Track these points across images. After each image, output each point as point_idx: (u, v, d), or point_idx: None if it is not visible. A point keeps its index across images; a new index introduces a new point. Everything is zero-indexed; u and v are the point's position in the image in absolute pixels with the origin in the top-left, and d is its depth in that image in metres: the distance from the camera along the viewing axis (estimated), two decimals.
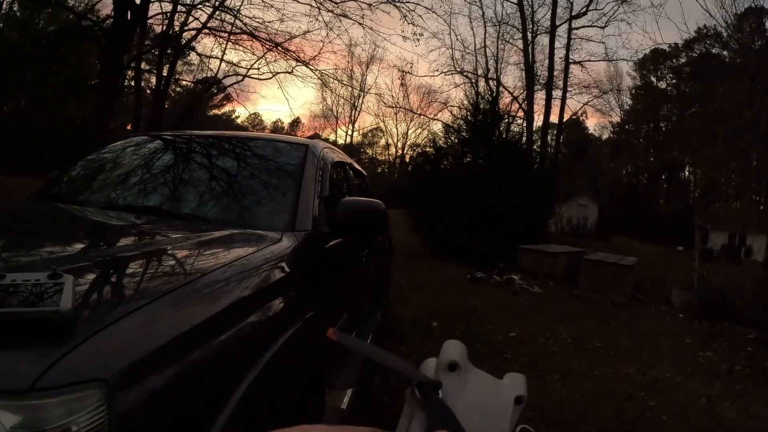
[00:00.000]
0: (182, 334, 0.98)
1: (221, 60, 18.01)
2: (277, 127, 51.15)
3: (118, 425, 0.75)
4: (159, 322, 0.97)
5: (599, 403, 3.89)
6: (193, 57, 21.58)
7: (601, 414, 3.67)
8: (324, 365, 1.86)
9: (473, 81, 27.80)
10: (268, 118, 52.40)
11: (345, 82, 25.93)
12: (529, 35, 25.93)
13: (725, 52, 23.26)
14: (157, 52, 18.62)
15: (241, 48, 15.67)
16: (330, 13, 14.67)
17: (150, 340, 0.90)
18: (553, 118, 28.07)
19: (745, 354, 5.90)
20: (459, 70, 28.19)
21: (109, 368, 0.77)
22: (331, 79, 17.05)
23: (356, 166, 4.20)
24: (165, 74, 19.45)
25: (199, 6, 14.26)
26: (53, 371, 0.71)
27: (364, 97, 44.00)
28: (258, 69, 16.17)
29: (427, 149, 15.13)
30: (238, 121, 42.19)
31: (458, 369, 0.39)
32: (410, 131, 47.77)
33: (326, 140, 6.19)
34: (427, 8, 16.74)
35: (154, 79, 21.37)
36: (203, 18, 15.13)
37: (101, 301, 0.98)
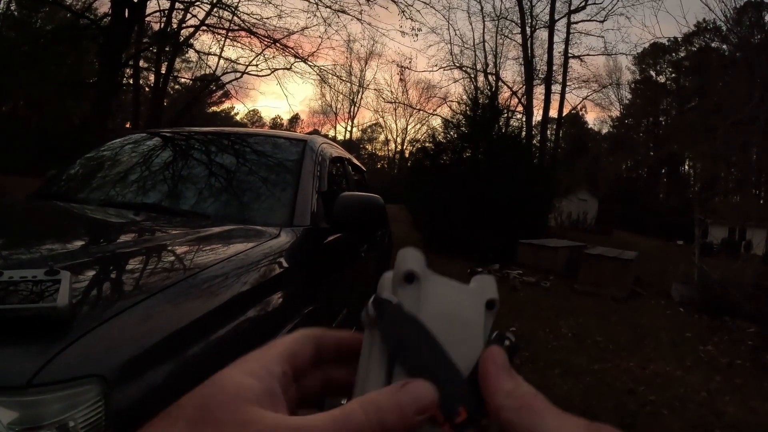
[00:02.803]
0: (181, 329, 0.98)
1: (219, 57, 18.04)
2: (276, 124, 51.14)
3: (116, 421, 0.75)
4: (157, 318, 0.97)
5: (600, 398, 3.89)
6: (191, 54, 21.61)
7: (602, 408, 3.68)
8: None
9: (472, 76, 27.77)
10: (267, 115, 52.45)
11: (344, 78, 25.98)
12: (528, 30, 25.90)
13: (725, 46, 23.26)
14: (155, 50, 18.59)
15: (239, 45, 15.71)
16: (328, 9, 14.71)
17: (148, 336, 0.90)
18: (553, 113, 28.07)
19: (745, 348, 5.91)
20: (458, 65, 28.17)
21: (107, 364, 0.77)
22: (330, 75, 17.06)
23: (355, 161, 4.19)
24: (163, 72, 19.44)
25: (197, 3, 14.25)
26: (50, 367, 0.71)
27: (363, 92, 43.98)
28: (256, 65, 16.21)
29: (427, 144, 15.13)
30: (238, 118, 42.16)
31: (416, 279, 0.33)
32: (409, 127, 47.72)
33: (325, 136, 6.19)
34: (425, 3, 16.74)
35: (152, 77, 21.37)
36: (201, 15, 15.14)
37: (99, 297, 0.98)
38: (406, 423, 0.27)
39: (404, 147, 46.79)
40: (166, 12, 15.69)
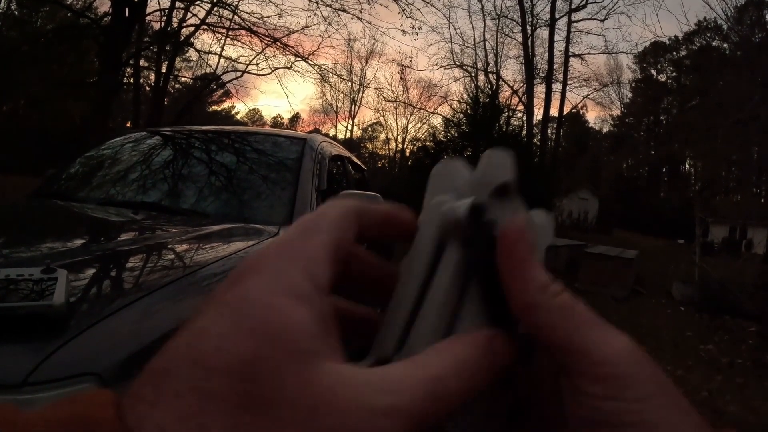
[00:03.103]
0: (179, 326, 0.97)
1: (220, 56, 18.01)
2: (277, 123, 51.12)
3: None
4: (156, 315, 0.96)
5: None
6: (191, 53, 21.63)
7: None
8: None
9: (473, 75, 27.75)
10: (267, 114, 52.45)
11: (344, 77, 25.94)
12: (529, 28, 25.87)
13: (725, 45, 23.23)
14: (155, 49, 18.59)
15: (239, 44, 15.68)
16: (328, 8, 14.65)
17: (146, 334, 0.89)
18: (553, 112, 28.02)
19: (746, 347, 5.90)
20: (458, 63, 28.14)
21: (103, 362, 0.77)
22: (330, 74, 17.04)
23: (355, 160, 4.19)
24: (164, 71, 19.44)
25: (198, 2, 14.24)
26: (46, 365, 0.71)
27: (363, 91, 43.89)
28: (257, 64, 16.18)
29: (427, 143, 15.16)
30: (238, 117, 42.16)
31: (509, 197, 0.26)
32: (410, 125, 47.66)
33: (326, 135, 6.19)
34: (425, 1, 16.75)
35: (153, 76, 21.37)
36: (201, 14, 15.12)
37: (97, 295, 0.98)
38: (483, 385, 0.22)
39: (405, 146, 46.76)
40: (166, 11, 15.67)
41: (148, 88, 22.36)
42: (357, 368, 0.19)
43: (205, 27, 15.24)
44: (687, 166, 43.29)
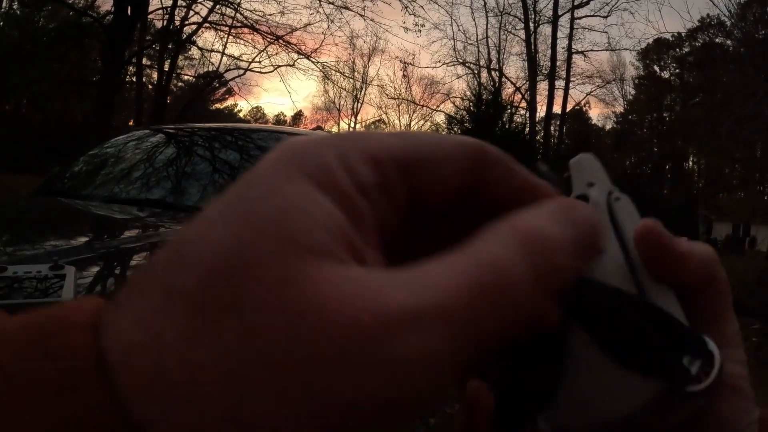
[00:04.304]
0: None
1: (222, 54, 18.01)
2: (279, 120, 51.01)
3: None
4: None
5: None
6: (194, 51, 21.58)
7: None
8: None
9: (475, 72, 27.62)
10: (270, 111, 52.36)
11: (347, 74, 25.89)
12: (532, 25, 25.78)
13: (729, 42, 23.13)
14: (158, 47, 18.60)
15: (242, 42, 15.74)
16: (331, 5, 14.67)
17: None
18: (556, 109, 27.96)
19: (749, 345, 5.88)
20: (461, 60, 28.00)
21: None
22: (333, 72, 17.04)
23: None
24: (166, 69, 19.45)
25: (200, 0, 14.25)
26: None
27: (366, 89, 43.82)
28: (259, 62, 16.23)
29: None
30: (241, 114, 42.07)
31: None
32: (413, 123, 47.55)
33: (329, 132, 6.17)
34: None
35: (155, 75, 21.37)
36: (204, 12, 15.14)
37: (104, 293, 0.98)
38: (576, 267, 0.16)
39: None
40: (168, 9, 15.68)
41: (150, 87, 22.39)
42: (382, 270, 0.13)
43: (207, 25, 15.28)
44: (690, 163, 43.14)
